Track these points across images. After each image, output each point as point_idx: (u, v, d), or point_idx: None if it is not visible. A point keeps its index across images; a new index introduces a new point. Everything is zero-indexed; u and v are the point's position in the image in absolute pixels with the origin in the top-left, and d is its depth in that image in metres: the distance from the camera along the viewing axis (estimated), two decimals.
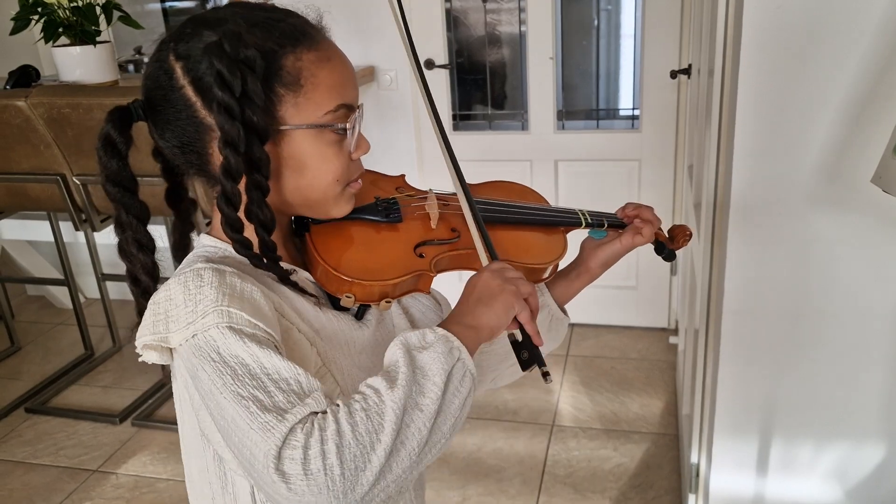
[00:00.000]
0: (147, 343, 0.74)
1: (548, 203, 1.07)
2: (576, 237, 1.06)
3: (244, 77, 0.73)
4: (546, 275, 0.98)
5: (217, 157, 0.76)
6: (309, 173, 0.80)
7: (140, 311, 0.78)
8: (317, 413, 0.65)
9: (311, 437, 0.62)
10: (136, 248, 0.81)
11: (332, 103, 0.78)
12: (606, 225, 1.05)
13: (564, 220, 1.03)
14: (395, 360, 0.69)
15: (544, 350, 1.05)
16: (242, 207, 0.77)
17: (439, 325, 0.73)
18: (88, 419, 2.74)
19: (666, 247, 1.08)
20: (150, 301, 0.75)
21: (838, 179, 1.25)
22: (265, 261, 0.79)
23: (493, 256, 0.86)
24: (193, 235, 0.90)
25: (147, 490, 2.34)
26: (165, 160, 0.85)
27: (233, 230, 0.77)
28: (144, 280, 0.81)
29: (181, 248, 0.88)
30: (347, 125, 0.80)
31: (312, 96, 0.77)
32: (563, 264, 1.03)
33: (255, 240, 0.78)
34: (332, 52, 0.80)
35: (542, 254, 0.97)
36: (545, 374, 0.77)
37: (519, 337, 0.80)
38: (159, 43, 0.79)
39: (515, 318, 0.78)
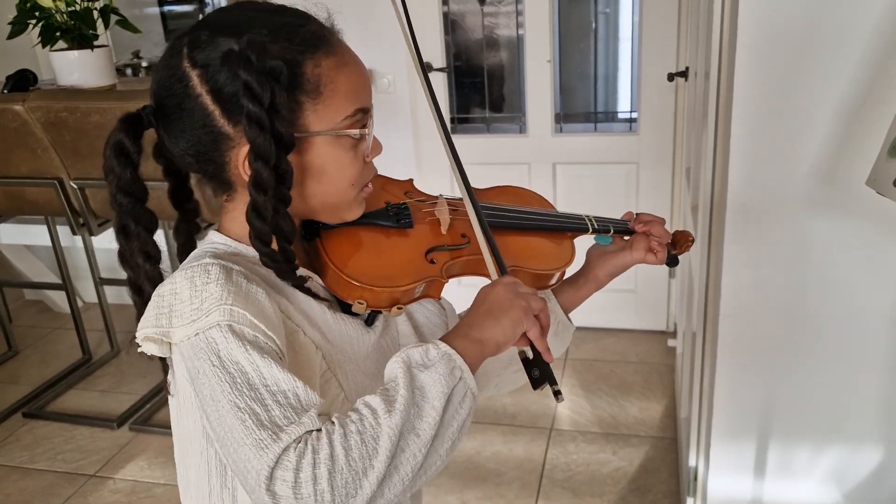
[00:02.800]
0: (148, 335, 0.73)
1: (554, 208, 1.06)
2: (581, 243, 1.05)
3: (272, 88, 0.71)
4: (553, 281, 0.97)
5: (234, 166, 0.76)
6: (327, 178, 0.79)
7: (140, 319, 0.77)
8: (311, 432, 0.64)
9: (304, 460, 0.62)
10: (143, 259, 0.79)
11: (350, 108, 0.78)
12: (612, 231, 1.04)
13: (571, 226, 1.02)
14: (394, 377, 0.68)
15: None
16: None
17: (444, 338, 0.72)
18: (86, 424, 2.73)
19: (669, 252, 1.07)
20: (155, 293, 0.74)
21: (834, 182, 1.25)
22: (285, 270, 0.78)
23: (500, 266, 0.84)
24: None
25: (144, 495, 2.34)
26: (168, 161, 0.83)
27: (262, 243, 0.76)
28: (148, 290, 0.79)
29: (187, 253, 0.86)
30: (367, 130, 0.80)
31: (331, 102, 0.76)
32: (569, 271, 1.02)
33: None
34: (349, 55, 0.80)
35: (550, 260, 0.96)
36: (556, 394, 0.76)
37: (530, 354, 0.78)
38: (170, 48, 0.77)
39: (525, 335, 0.76)
